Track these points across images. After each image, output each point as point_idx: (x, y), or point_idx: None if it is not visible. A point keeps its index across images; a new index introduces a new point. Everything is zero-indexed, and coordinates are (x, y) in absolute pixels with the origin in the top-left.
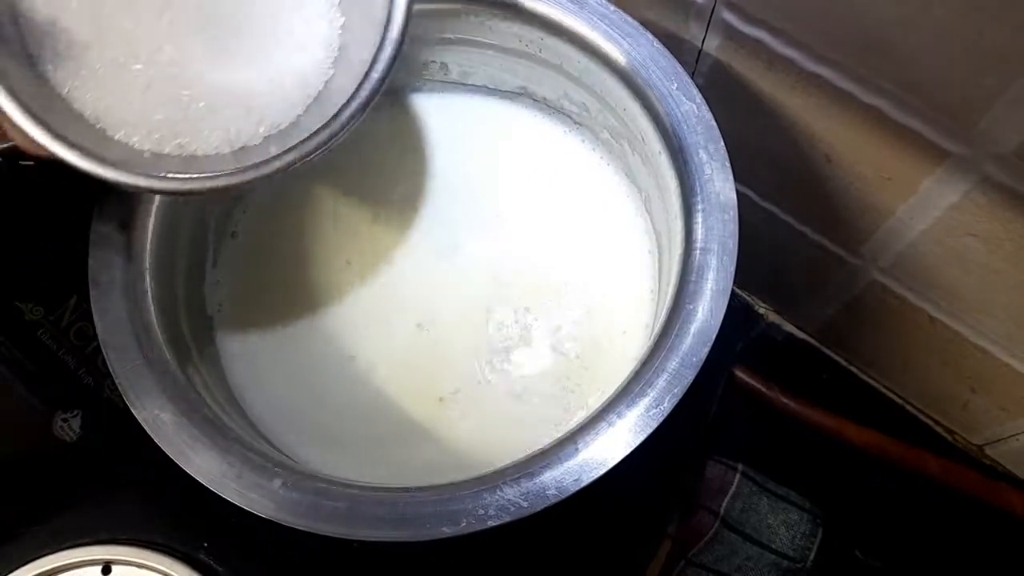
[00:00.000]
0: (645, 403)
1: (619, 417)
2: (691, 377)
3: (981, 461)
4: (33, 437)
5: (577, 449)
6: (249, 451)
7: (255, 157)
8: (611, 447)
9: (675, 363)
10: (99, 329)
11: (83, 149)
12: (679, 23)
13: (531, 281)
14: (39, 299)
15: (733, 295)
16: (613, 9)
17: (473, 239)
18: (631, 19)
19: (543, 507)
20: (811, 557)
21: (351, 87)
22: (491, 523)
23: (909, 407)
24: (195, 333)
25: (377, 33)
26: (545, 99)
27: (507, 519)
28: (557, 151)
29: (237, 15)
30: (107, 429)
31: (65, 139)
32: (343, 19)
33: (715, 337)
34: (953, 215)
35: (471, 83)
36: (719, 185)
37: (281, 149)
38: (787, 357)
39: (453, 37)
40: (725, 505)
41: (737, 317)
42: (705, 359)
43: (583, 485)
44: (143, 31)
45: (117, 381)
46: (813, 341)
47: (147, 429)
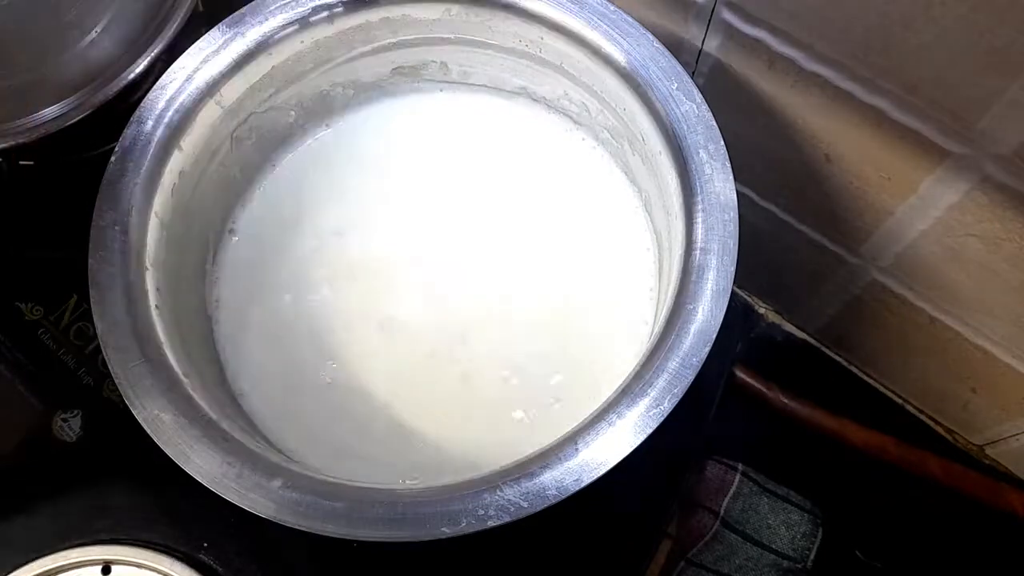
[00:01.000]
0: (645, 403)
1: (619, 417)
2: (691, 377)
3: (981, 461)
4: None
5: (577, 449)
6: (249, 451)
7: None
8: (611, 447)
9: (675, 363)
10: (99, 329)
11: None
12: (679, 23)
13: (530, 280)
14: (39, 299)
15: (733, 295)
16: (613, 9)
17: (472, 239)
18: (631, 19)
19: (543, 507)
20: (811, 557)
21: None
22: (491, 523)
23: (909, 407)
24: (195, 333)
25: None
26: (545, 99)
27: (507, 519)
28: (557, 151)
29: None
30: (107, 429)
31: None
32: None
33: (715, 337)
34: (953, 215)
35: (471, 83)
36: (719, 185)
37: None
38: (787, 357)
39: (453, 37)
40: (725, 505)
41: (737, 317)
42: (705, 359)
43: (583, 485)
44: None
45: (117, 381)
46: (813, 341)
47: (147, 429)
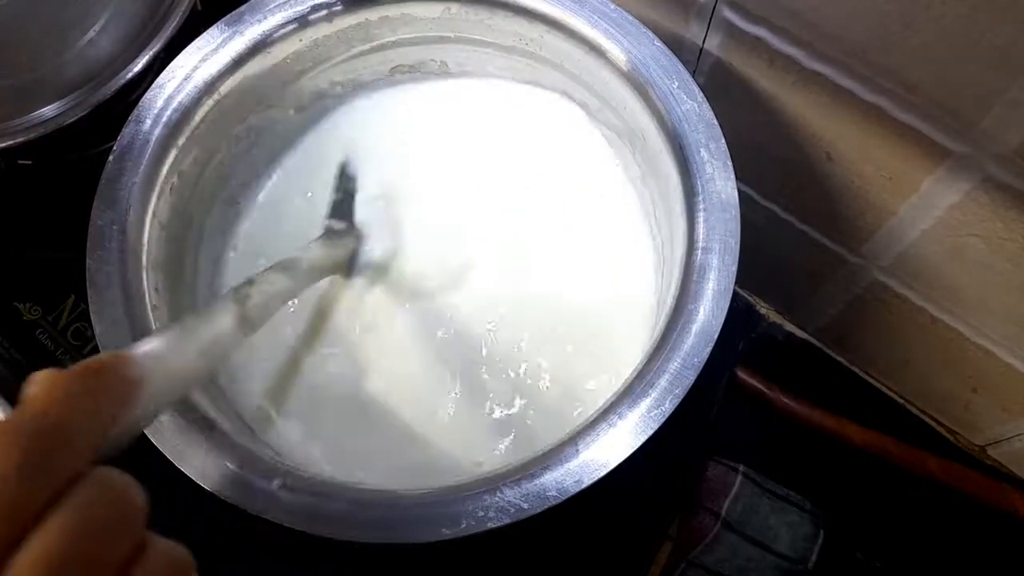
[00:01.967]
0: (646, 404)
1: (620, 418)
2: (692, 378)
3: (983, 462)
4: None
5: (578, 450)
6: (247, 452)
7: None
8: (612, 448)
9: (676, 364)
10: (97, 329)
11: None
12: (680, 21)
13: (529, 281)
14: (37, 299)
15: (734, 295)
16: (614, 7)
17: (471, 239)
18: (632, 17)
19: (543, 508)
20: (812, 558)
21: None
22: (491, 524)
23: (910, 407)
24: None
25: None
26: (545, 97)
27: (507, 521)
28: (557, 150)
29: None
30: None
31: None
32: None
33: (716, 337)
34: (954, 214)
35: (471, 81)
36: (720, 184)
37: None
38: (788, 357)
39: (452, 35)
40: (726, 506)
41: (738, 317)
42: (706, 359)
43: (584, 486)
44: None
45: None
46: (814, 341)
47: (145, 430)
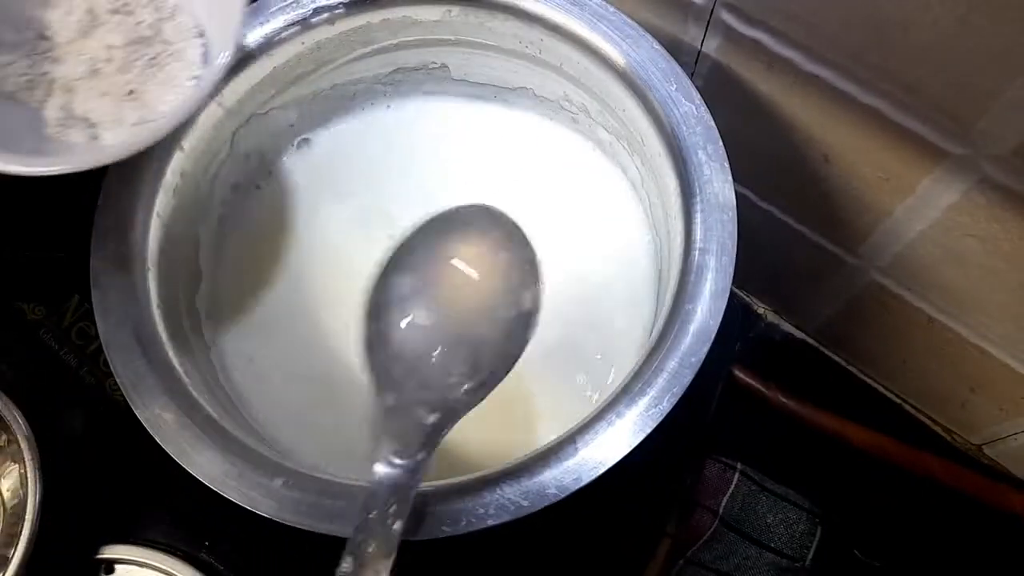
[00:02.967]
0: (644, 402)
1: (618, 416)
2: (690, 377)
3: (980, 461)
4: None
5: (576, 448)
6: (250, 450)
7: None
8: (610, 446)
9: (674, 363)
10: (101, 329)
11: None
12: (678, 24)
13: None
14: (41, 299)
15: (732, 295)
16: (612, 10)
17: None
18: (630, 20)
19: (543, 506)
20: (810, 556)
21: None
22: (491, 522)
23: (908, 407)
24: (196, 333)
25: None
26: (544, 99)
27: (507, 518)
28: (556, 152)
29: None
30: (109, 429)
31: None
32: None
33: (714, 337)
34: (952, 215)
35: (471, 83)
36: (718, 185)
37: None
38: (786, 357)
39: (453, 38)
40: (724, 504)
41: (736, 317)
42: (704, 359)
43: (583, 484)
44: None
45: (119, 381)
46: (812, 341)
47: (149, 429)
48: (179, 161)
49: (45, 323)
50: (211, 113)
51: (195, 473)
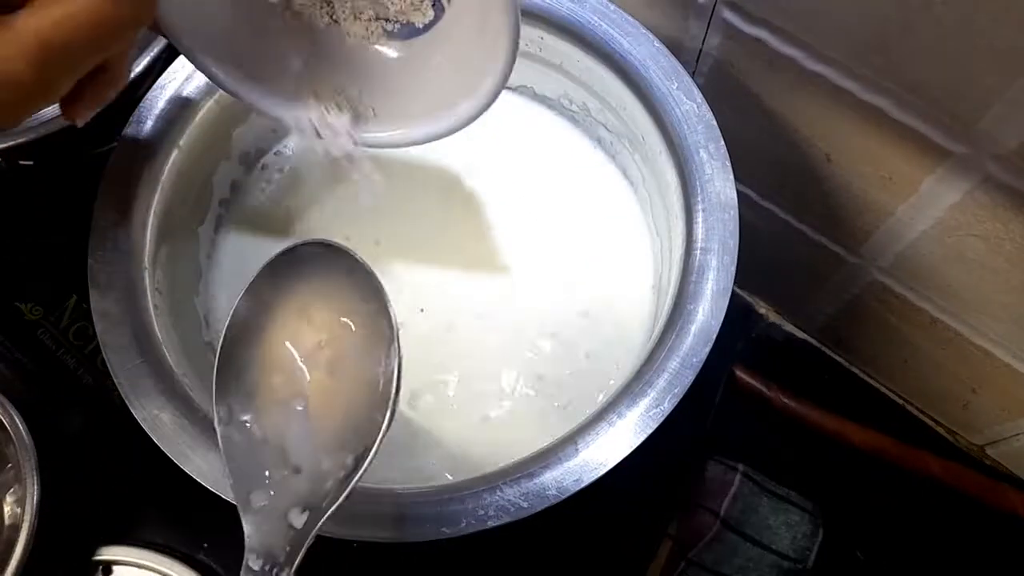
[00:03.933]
0: (645, 403)
1: (619, 417)
2: (691, 377)
3: (982, 461)
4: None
5: (577, 449)
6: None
7: None
8: (611, 447)
9: (675, 363)
10: (99, 329)
11: None
12: (679, 22)
13: (531, 281)
14: (39, 299)
15: (733, 295)
16: (613, 8)
17: (470, 239)
18: (631, 18)
19: (543, 507)
20: (812, 558)
21: None
22: (491, 523)
23: (910, 407)
24: (194, 333)
25: None
26: (545, 98)
27: (507, 519)
28: (557, 150)
29: None
30: (107, 429)
31: None
32: None
33: (715, 337)
34: (954, 215)
35: None
36: (719, 184)
37: None
38: (787, 357)
39: None
40: (725, 505)
41: (737, 317)
42: (705, 359)
43: (583, 485)
44: None
45: (117, 381)
46: (813, 341)
47: (146, 429)
48: (177, 160)
49: (43, 323)
50: (210, 112)
51: (192, 474)
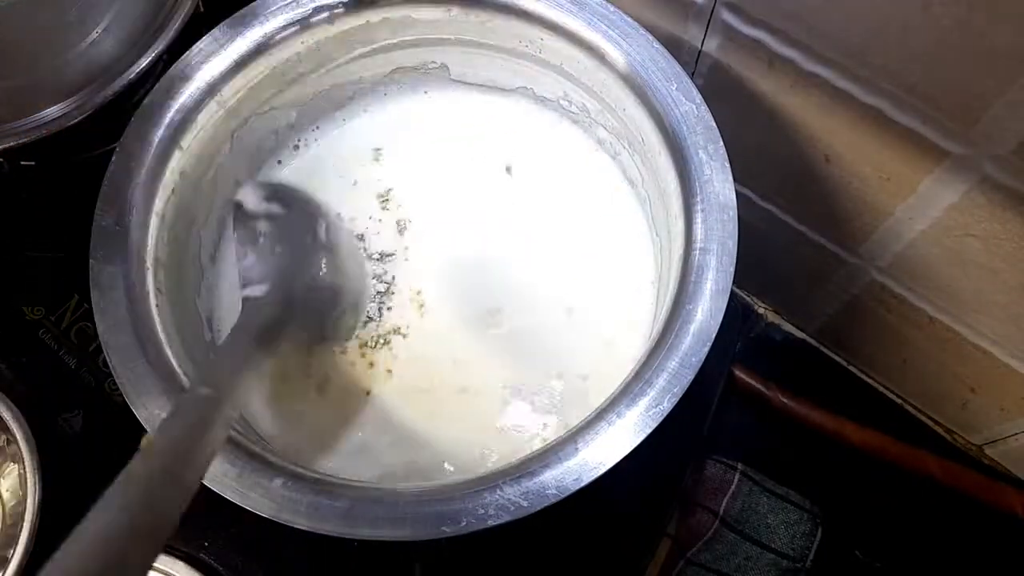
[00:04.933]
0: (645, 403)
1: (619, 416)
2: (690, 377)
3: (981, 461)
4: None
5: (577, 448)
6: (249, 451)
7: None
8: (611, 446)
9: (674, 363)
10: (100, 329)
11: None
12: (679, 24)
13: (530, 281)
14: (40, 299)
15: (732, 295)
16: (613, 9)
17: (470, 239)
18: (631, 19)
19: (543, 506)
20: (810, 557)
21: None
22: (491, 522)
23: (908, 407)
24: (196, 332)
25: None
26: (545, 99)
27: (507, 518)
28: (557, 151)
29: None
30: (108, 429)
31: None
32: None
33: (714, 337)
34: (952, 215)
35: (471, 83)
36: (718, 185)
37: None
38: (786, 357)
39: (453, 37)
40: (724, 504)
41: (736, 317)
42: (704, 359)
43: (583, 484)
44: None
45: (118, 381)
46: (812, 341)
47: (148, 429)
48: (179, 161)
49: (44, 323)
50: (211, 113)
51: None
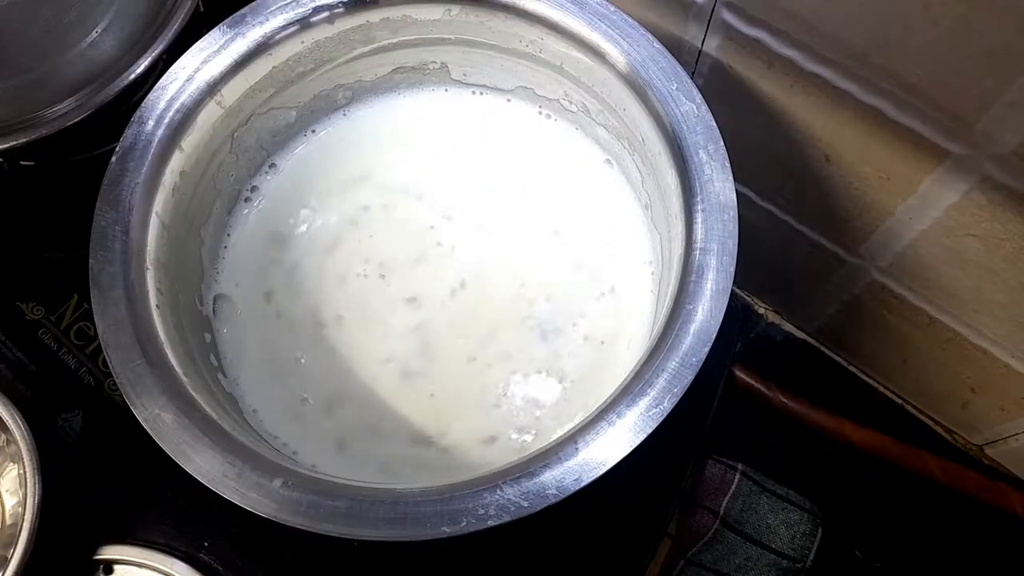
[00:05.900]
0: (645, 403)
1: (619, 417)
2: (691, 377)
3: (981, 461)
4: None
5: (577, 449)
6: (249, 451)
7: None
8: (611, 447)
9: (675, 363)
10: (100, 329)
11: None
12: (679, 23)
13: (530, 281)
14: (40, 299)
15: (733, 295)
16: (613, 9)
17: (470, 238)
18: (631, 19)
19: (543, 507)
20: (811, 557)
21: None
22: (491, 523)
23: (909, 407)
24: (196, 333)
25: None
26: (545, 99)
27: (507, 519)
28: (557, 151)
29: None
30: (108, 429)
31: None
32: None
33: (715, 337)
34: (952, 215)
35: (471, 83)
36: (719, 185)
37: None
38: (786, 357)
39: (453, 37)
40: (725, 505)
41: (737, 317)
42: (705, 359)
43: (583, 485)
44: None
45: (118, 381)
46: (812, 341)
47: (148, 429)
48: (179, 161)
49: (44, 323)
50: (211, 113)
51: (194, 473)
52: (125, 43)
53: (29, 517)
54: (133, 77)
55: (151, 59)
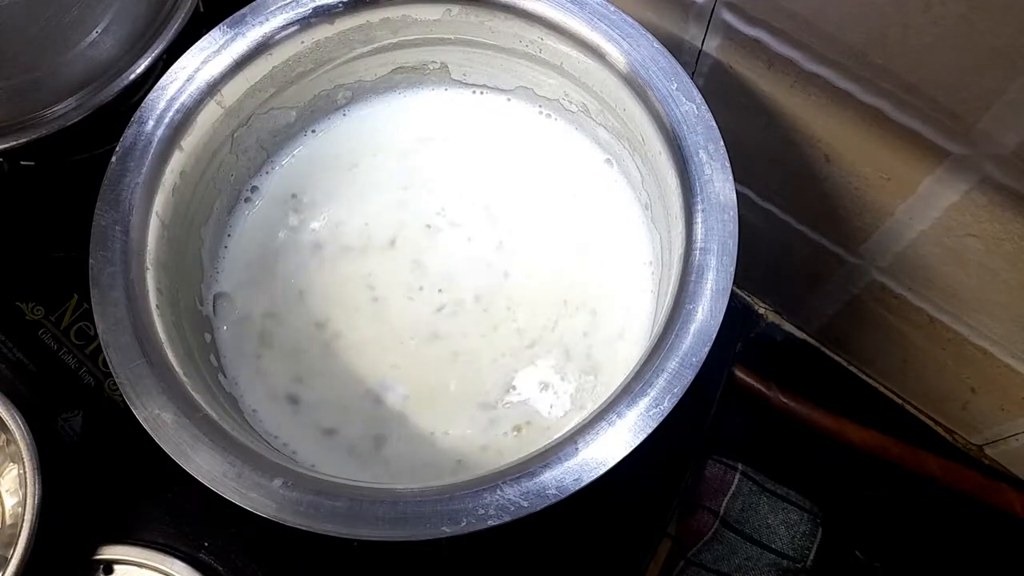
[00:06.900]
0: (645, 403)
1: (619, 417)
2: (691, 377)
3: (981, 461)
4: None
5: (577, 449)
6: (249, 451)
7: None
8: (611, 447)
9: (675, 363)
10: (100, 329)
11: None
12: (679, 23)
13: (529, 281)
14: (40, 299)
15: (733, 295)
16: (613, 9)
17: (471, 239)
18: (631, 19)
19: (543, 507)
20: (811, 557)
21: None
22: (491, 523)
23: (909, 407)
24: (196, 333)
25: None
26: (545, 99)
27: (507, 519)
28: (557, 151)
29: None
30: (108, 429)
31: None
32: None
33: (715, 337)
34: (952, 215)
35: (471, 83)
36: (719, 185)
37: None
38: (786, 357)
39: (453, 37)
40: (725, 505)
41: (737, 317)
42: (705, 359)
43: (583, 485)
44: None
45: (118, 381)
46: (812, 341)
47: (148, 429)
48: (179, 161)
49: (44, 323)
50: (211, 113)
51: (194, 473)
52: (125, 43)
53: (29, 517)
54: (133, 77)
55: (151, 59)
